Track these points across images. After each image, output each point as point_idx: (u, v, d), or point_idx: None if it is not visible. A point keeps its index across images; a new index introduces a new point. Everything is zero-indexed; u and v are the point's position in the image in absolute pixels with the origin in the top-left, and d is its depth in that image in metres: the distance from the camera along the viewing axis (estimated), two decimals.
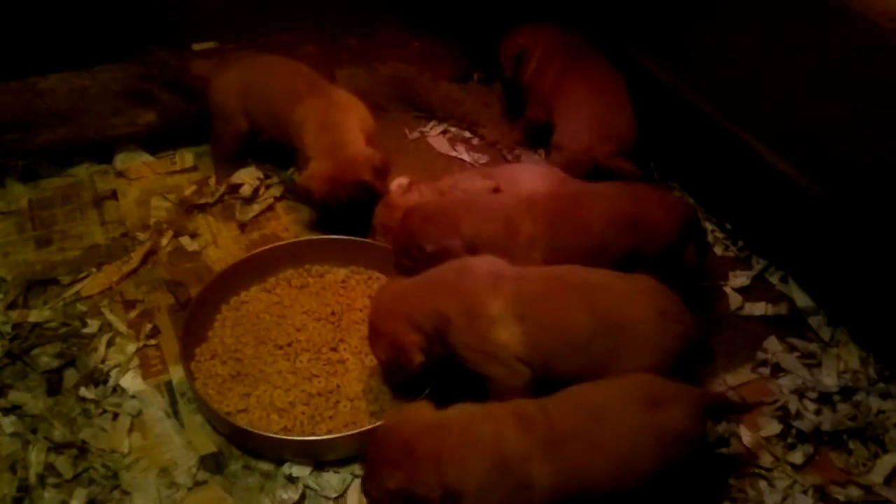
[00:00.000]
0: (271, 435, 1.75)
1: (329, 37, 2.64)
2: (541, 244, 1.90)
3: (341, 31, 2.67)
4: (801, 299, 2.16)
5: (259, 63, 2.43)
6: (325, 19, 2.69)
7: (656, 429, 1.51)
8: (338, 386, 1.89)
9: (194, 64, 2.51)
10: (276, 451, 1.76)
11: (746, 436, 1.84)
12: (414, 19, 2.77)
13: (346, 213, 2.20)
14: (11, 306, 2.06)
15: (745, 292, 2.20)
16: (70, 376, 1.91)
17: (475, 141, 2.70)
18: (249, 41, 2.58)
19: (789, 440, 1.83)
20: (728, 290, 2.20)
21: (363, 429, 1.73)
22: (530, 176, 2.18)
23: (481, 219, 1.92)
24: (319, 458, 1.75)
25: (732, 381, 1.95)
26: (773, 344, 2.04)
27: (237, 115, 2.37)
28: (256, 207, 2.40)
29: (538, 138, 2.58)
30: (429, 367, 1.76)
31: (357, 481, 1.72)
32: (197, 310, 1.99)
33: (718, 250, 2.32)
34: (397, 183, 2.20)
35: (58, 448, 1.76)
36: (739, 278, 2.23)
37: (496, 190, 2.13)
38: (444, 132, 2.73)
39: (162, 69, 2.50)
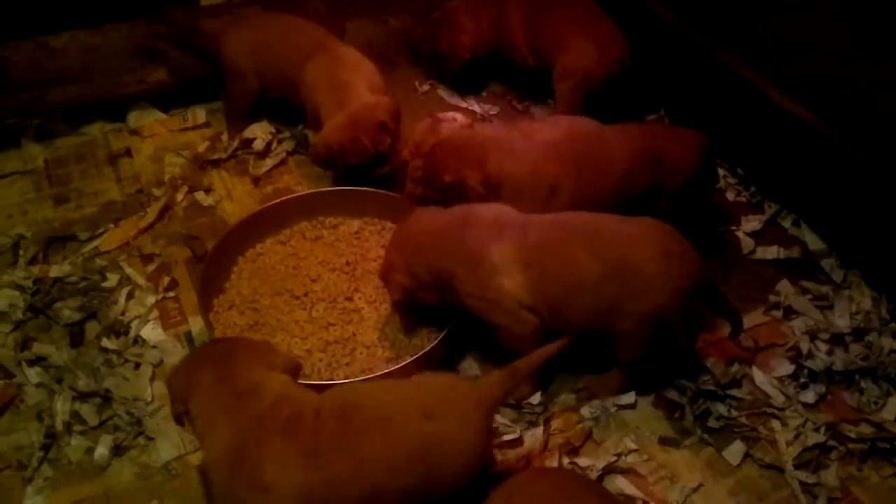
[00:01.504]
0: None
1: None
2: (565, 188, 1.89)
3: None
4: (814, 242, 2.17)
5: (269, 22, 2.42)
6: None
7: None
8: (353, 334, 1.92)
9: (205, 23, 2.51)
10: None
11: (759, 376, 1.86)
12: None
13: (367, 169, 2.21)
14: (32, 262, 2.10)
15: (758, 236, 2.20)
16: (92, 328, 1.95)
17: (484, 93, 2.70)
18: None
19: (801, 380, 1.86)
20: (740, 234, 2.21)
21: (379, 373, 1.76)
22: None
23: (511, 159, 1.91)
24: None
25: (746, 323, 1.95)
26: (785, 287, 2.06)
27: (248, 73, 2.38)
28: (269, 162, 2.41)
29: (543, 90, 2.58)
30: (441, 310, 1.81)
31: None
32: (214, 262, 2.01)
33: (730, 195, 2.32)
34: (452, 115, 2.23)
35: (82, 397, 1.80)
36: (751, 223, 2.23)
37: None
38: None
39: (173, 28, 2.50)
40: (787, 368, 1.88)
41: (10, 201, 2.29)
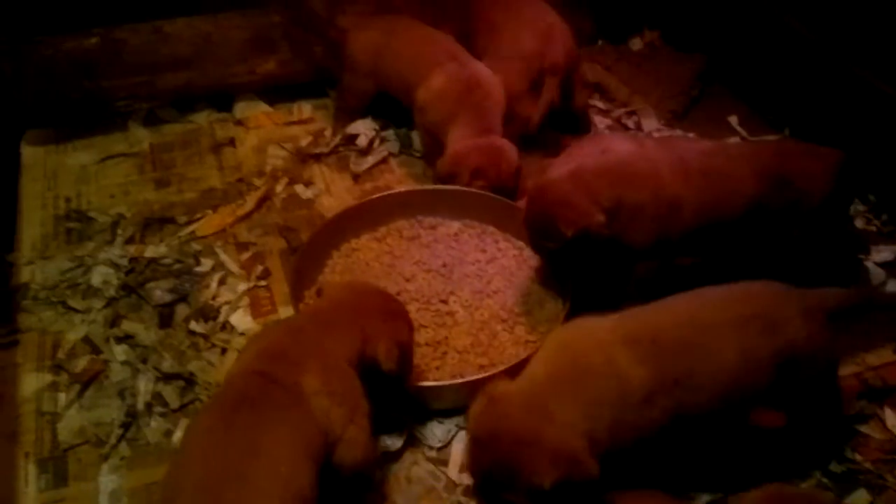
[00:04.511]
0: None
1: None
2: (689, 206, 1.73)
3: None
4: None
5: (398, 26, 2.37)
6: None
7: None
8: (446, 337, 1.83)
9: (340, 17, 2.49)
10: None
11: (891, 418, 1.68)
12: None
13: None
14: (129, 241, 2.09)
15: (889, 268, 2.02)
16: (181, 311, 1.92)
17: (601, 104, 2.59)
18: None
19: None
20: (870, 265, 2.02)
21: (471, 378, 1.66)
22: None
23: (624, 181, 1.74)
24: (425, 406, 1.69)
25: (873, 360, 1.79)
26: None
27: (367, 73, 2.34)
28: (371, 159, 2.36)
29: None
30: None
31: (461, 433, 1.65)
32: (308, 253, 1.96)
33: (860, 223, 2.14)
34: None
35: (166, 378, 1.76)
36: (883, 253, 2.05)
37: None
38: None
39: (310, 16, 2.48)
40: None
41: (113, 181, 2.30)
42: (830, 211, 1.81)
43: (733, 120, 2.51)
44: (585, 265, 1.79)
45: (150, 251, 2.06)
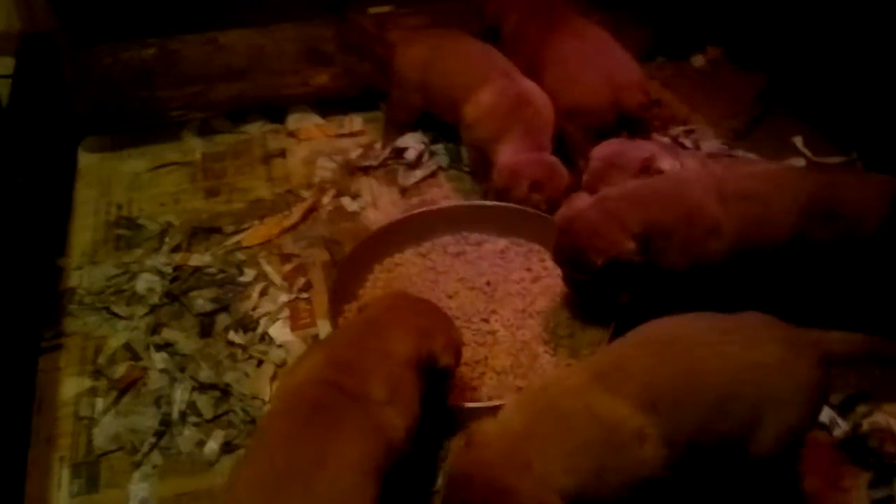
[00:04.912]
0: None
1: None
2: (727, 230, 1.65)
3: None
4: None
5: (446, 41, 2.34)
6: None
7: None
8: (485, 357, 1.78)
9: (388, 31, 2.49)
10: None
11: None
12: None
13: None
14: (175, 249, 2.10)
15: None
16: (222, 320, 1.92)
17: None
18: (424, 5, 2.52)
19: None
20: None
21: (507, 401, 1.61)
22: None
23: (651, 204, 1.69)
24: (460, 427, 1.64)
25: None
26: None
27: (414, 87, 2.32)
28: (419, 173, 2.33)
29: None
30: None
31: None
32: (349, 266, 1.94)
33: None
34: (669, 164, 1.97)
35: (202, 388, 1.75)
36: None
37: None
38: None
39: (358, 32, 2.49)
40: None
41: (164, 189, 2.33)
42: (886, 244, 1.69)
43: (798, 141, 2.40)
44: (622, 293, 1.74)
45: (194, 260, 2.07)
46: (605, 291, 1.74)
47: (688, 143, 2.42)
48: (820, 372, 1.35)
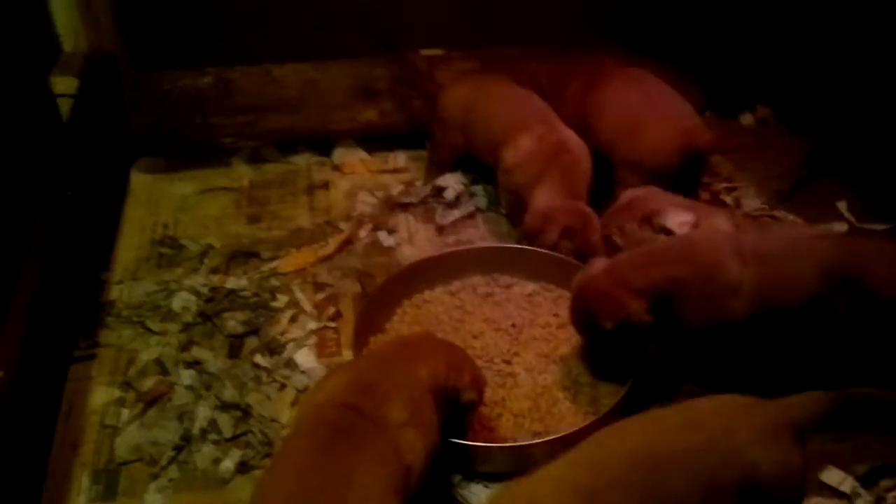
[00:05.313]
0: None
1: (554, 54, 2.58)
2: (745, 291, 1.63)
3: (567, 48, 2.60)
4: None
5: (490, 84, 2.40)
6: (552, 35, 2.63)
7: None
8: (503, 399, 1.78)
9: (437, 72, 2.56)
10: None
11: None
12: (644, 43, 2.64)
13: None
14: (214, 271, 2.16)
15: None
16: (250, 343, 1.96)
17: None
18: (475, 51, 2.57)
19: None
20: None
21: (522, 443, 1.61)
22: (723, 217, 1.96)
23: (669, 264, 1.68)
24: (472, 466, 1.65)
25: None
26: None
27: (456, 127, 2.37)
28: (457, 213, 2.37)
29: None
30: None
31: None
32: (378, 299, 1.97)
33: None
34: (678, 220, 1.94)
35: (224, 407, 1.79)
36: None
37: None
38: None
39: (408, 69, 2.56)
40: None
41: (209, 212, 2.40)
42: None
43: (842, 206, 2.37)
44: (648, 344, 1.73)
45: (231, 282, 2.12)
46: (624, 352, 1.75)
47: (728, 200, 2.42)
48: (797, 450, 1.30)
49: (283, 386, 1.84)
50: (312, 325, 2.00)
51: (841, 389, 1.34)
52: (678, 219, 1.89)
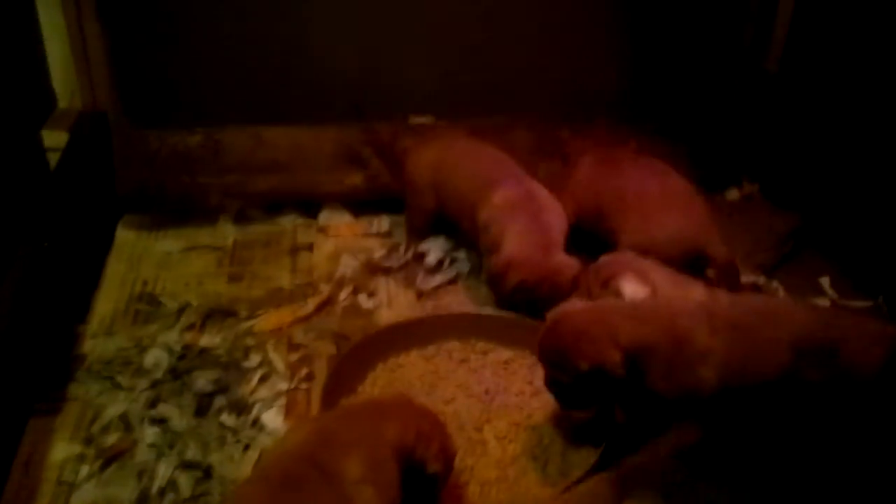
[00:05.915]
0: None
1: (542, 123, 2.61)
2: (715, 360, 1.59)
3: (556, 118, 2.63)
4: None
5: (457, 144, 2.43)
6: (541, 105, 2.67)
7: None
8: (471, 467, 1.74)
9: (403, 139, 2.58)
10: None
11: None
12: (634, 116, 2.67)
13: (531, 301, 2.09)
14: (189, 328, 2.15)
15: None
16: (218, 402, 1.92)
17: None
18: (463, 119, 2.60)
19: None
20: None
21: None
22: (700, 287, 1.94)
23: (645, 324, 1.64)
24: None
25: None
26: None
27: (427, 191, 2.39)
28: (438, 278, 2.36)
29: None
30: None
31: None
32: (350, 360, 1.95)
33: None
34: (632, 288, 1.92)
35: (186, 466, 1.75)
36: None
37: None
38: None
39: (375, 139, 2.59)
40: None
41: (191, 270, 2.40)
42: (881, 392, 1.61)
43: (825, 282, 2.36)
44: (618, 413, 1.70)
45: (204, 340, 2.10)
46: (585, 400, 1.70)
47: (710, 272, 2.40)
48: None
49: (247, 446, 1.80)
50: (283, 386, 1.98)
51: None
52: (631, 287, 1.87)
